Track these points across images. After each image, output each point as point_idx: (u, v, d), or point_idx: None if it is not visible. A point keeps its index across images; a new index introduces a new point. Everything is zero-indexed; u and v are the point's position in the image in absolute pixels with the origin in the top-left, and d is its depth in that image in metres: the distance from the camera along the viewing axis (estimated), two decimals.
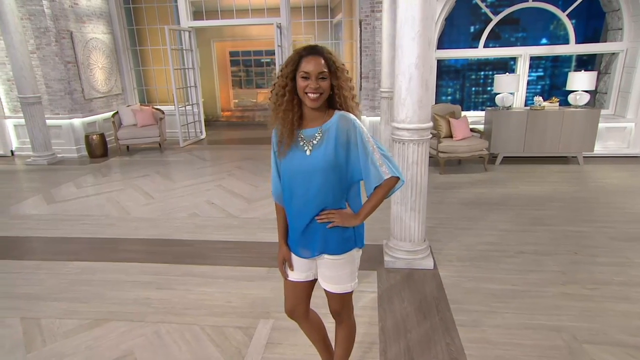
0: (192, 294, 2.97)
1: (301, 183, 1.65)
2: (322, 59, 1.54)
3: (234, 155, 7.42)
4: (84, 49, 7.53)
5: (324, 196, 1.64)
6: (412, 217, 3.18)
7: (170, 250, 3.71)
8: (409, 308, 2.74)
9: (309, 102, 1.56)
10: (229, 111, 12.21)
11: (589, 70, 6.12)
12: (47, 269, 3.39)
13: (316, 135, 1.61)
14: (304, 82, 1.54)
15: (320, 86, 1.54)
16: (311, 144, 1.61)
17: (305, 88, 1.54)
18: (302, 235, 1.72)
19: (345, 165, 1.62)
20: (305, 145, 1.62)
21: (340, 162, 1.60)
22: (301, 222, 1.71)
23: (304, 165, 1.62)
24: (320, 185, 1.62)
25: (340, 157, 1.60)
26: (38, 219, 4.53)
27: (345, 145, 1.59)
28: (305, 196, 1.65)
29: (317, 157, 1.60)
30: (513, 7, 6.39)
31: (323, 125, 1.62)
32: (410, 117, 2.96)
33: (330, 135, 1.59)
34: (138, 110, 7.81)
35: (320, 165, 1.60)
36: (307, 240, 1.72)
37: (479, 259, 3.38)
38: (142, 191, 5.41)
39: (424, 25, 2.76)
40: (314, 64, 1.52)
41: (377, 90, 6.59)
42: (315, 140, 1.61)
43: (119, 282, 3.17)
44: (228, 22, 8.49)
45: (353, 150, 1.60)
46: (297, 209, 1.70)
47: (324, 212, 1.65)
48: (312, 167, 1.61)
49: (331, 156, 1.59)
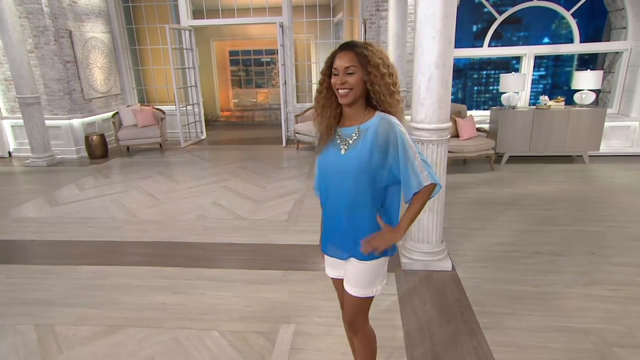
0: (208, 299, 2.91)
1: (334, 182, 1.62)
2: (354, 53, 1.49)
3: (236, 156, 7.35)
4: (83, 48, 7.41)
5: (355, 198, 1.59)
6: (431, 218, 3.14)
7: (181, 253, 3.64)
8: (432, 311, 2.70)
9: (339, 98, 1.53)
10: (229, 111, 12.11)
11: (592, 69, 6.13)
12: (56, 274, 3.30)
13: (353, 135, 1.57)
14: (334, 78, 1.51)
15: (347, 81, 1.50)
16: (347, 143, 1.58)
17: (335, 84, 1.51)
18: (333, 235, 1.70)
19: (379, 169, 1.55)
20: (342, 143, 1.59)
21: (375, 166, 1.55)
22: (334, 222, 1.68)
23: (338, 164, 1.59)
24: (352, 187, 1.58)
25: (375, 160, 1.54)
26: (42, 222, 4.43)
27: (384, 149, 1.54)
28: (337, 196, 1.63)
29: (351, 158, 1.56)
30: (518, 6, 6.38)
31: (361, 125, 1.57)
32: (430, 117, 2.92)
33: (368, 137, 1.54)
34: (138, 110, 7.70)
35: (352, 165, 1.55)
36: (338, 241, 1.70)
37: (495, 259, 3.34)
38: (146, 193, 5.32)
39: (445, 23, 2.72)
40: (343, 59, 1.50)
41: None
42: (352, 140, 1.57)
43: (132, 286, 3.09)
44: (230, 22, 8.40)
45: (392, 155, 1.54)
46: (331, 209, 1.68)
47: (365, 240, 1.59)
48: (345, 167, 1.57)
49: (365, 158, 1.54)
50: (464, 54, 6.94)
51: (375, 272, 1.69)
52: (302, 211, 4.50)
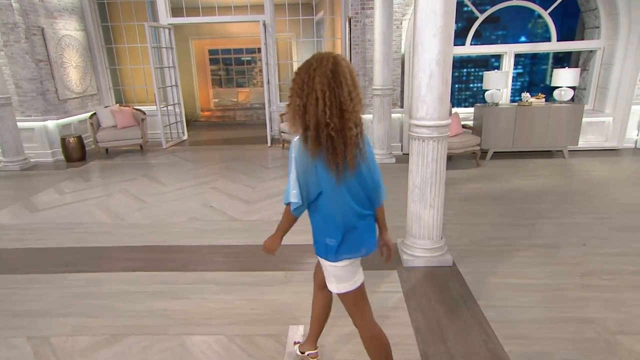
0: (211, 303, 2.83)
1: None
2: None
3: (221, 157, 7.22)
4: (57, 46, 7.11)
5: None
6: (431, 214, 3.17)
7: (177, 257, 3.54)
8: (438, 307, 2.72)
9: None
10: (209, 111, 11.87)
11: (568, 67, 6.33)
12: (45, 283, 3.14)
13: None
14: None
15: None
16: None
17: None
18: None
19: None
20: None
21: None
22: None
23: None
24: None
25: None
26: (22, 229, 4.22)
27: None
28: None
29: None
30: (499, 5, 6.52)
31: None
32: (431, 114, 2.94)
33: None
34: (117, 111, 7.45)
35: None
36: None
37: (493, 253, 3.41)
38: (131, 196, 5.15)
39: (445, 20, 2.74)
40: None
41: (368, 88, 6.58)
42: None
43: (129, 293, 2.98)
44: (211, 20, 8.23)
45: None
46: None
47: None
48: None
49: None
50: None
51: (327, 270, 1.83)
52: None
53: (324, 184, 1.64)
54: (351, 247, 1.74)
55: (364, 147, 1.68)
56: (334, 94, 1.54)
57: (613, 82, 6.44)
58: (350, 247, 1.74)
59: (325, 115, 1.54)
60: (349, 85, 1.55)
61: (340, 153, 1.58)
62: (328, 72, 1.53)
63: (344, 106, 1.55)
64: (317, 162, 1.60)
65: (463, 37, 6.85)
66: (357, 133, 1.62)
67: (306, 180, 1.63)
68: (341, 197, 1.67)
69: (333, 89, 1.53)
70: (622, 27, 6.18)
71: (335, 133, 1.56)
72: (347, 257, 1.75)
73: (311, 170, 1.62)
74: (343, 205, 1.69)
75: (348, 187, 1.67)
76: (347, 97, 1.55)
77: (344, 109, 1.55)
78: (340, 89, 1.54)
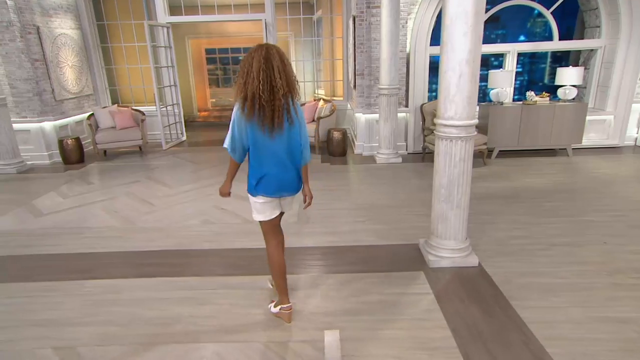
0: (240, 308, 2.76)
1: None
2: None
3: (222, 157, 7.08)
4: (53, 45, 6.91)
5: None
6: (458, 214, 3.14)
7: (195, 261, 3.46)
8: (472, 308, 2.69)
9: None
10: (206, 111, 11.69)
11: (564, 65, 6.39)
12: (61, 291, 3.03)
13: None
14: None
15: None
16: None
17: None
18: None
19: None
20: None
21: None
22: None
23: None
24: None
25: None
26: (29, 235, 4.07)
27: None
28: None
29: None
30: (502, 4, 6.56)
31: None
32: (460, 113, 2.91)
33: None
34: (116, 111, 7.28)
35: None
36: None
37: (516, 253, 3.40)
38: (138, 198, 5.03)
39: (476, 20, 2.71)
40: None
41: (374, 87, 6.54)
42: None
43: (152, 300, 2.89)
44: (211, 18, 8.11)
45: None
46: None
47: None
48: None
49: None
50: None
51: (251, 203, 2.49)
52: (311, 212, 4.40)
53: (252, 139, 2.25)
54: (266, 188, 2.36)
55: (293, 115, 2.26)
56: (266, 74, 2.11)
57: (614, 80, 6.52)
58: (265, 188, 2.36)
59: (259, 90, 2.11)
60: (279, 68, 2.13)
61: (269, 118, 2.17)
62: (261, 58, 2.11)
63: (273, 82, 2.12)
64: (250, 123, 2.20)
65: None
66: (284, 104, 2.19)
67: (241, 135, 2.25)
68: (266, 150, 2.27)
69: (265, 70, 2.10)
70: (624, 26, 6.26)
71: (266, 103, 2.13)
72: (262, 195, 2.39)
73: (244, 129, 2.23)
74: (266, 156, 2.29)
75: (273, 144, 2.26)
76: (277, 77, 2.12)
77: (273, 84, 2.12)
78: (271, 70, 2.11)
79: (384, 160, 6.34)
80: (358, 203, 4.65)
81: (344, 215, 4.29)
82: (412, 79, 6.59)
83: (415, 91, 6.62)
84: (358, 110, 6.80)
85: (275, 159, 2.29)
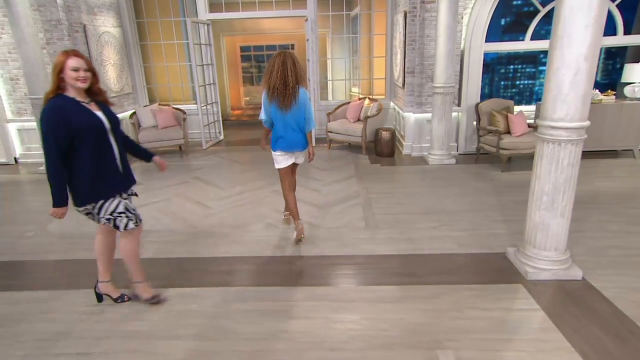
0: (336, 323, 2.57)
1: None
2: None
3: (265, 157, 6.82)
4: (97, 43, 6.84)
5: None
6: (561, 224, 2.90)
7: (272, 269, 3.28)
8: (593, 328, 2.45)
9: None
10: (240, 109, 11.57)
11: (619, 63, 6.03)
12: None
13: None
14: None
15: None
16: None
17: None
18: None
19: None
20: None
21: None
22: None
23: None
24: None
25: None
26: (89, 238, 3.92)
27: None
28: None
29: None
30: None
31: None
32: (572, 114, 2.66)
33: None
34: (157, 110, 7.19)
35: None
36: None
37: (619, 265, 3.14)
38: (192, 200, 4.89)
39: (600, 10, 2.47)
40: None
41: (425, 85, 6.30)
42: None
43: (239, 312, 2.72)
44: (252, 15, 7.94)
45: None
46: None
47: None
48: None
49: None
50: (508, 48, 6.76)
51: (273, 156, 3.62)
52: (377, 217, 4.20)
53: (273, 113, 3.40)
54: (283, 145, 3.49)
55: (298, 99, 3.33)
56: (282, 74, 3.22)
57: None
58: (283, 145, 3.49)
59: (276, 83, 3.25)
60: (291, 69, 3.22)
61: (282, 100, 3.29)
62: (280, 62, 3.22)
63: (286, 79, 3.23)
64: (271, 103, 3.35)
65: (510, 32, 6.57)
66: (292, 92, 3.27)
67: (267, 110, 3.44)
68: (283, 121, 3.40)
69: (281, 71, 3.22)
70: None
71: (280, 92, 3.27)
72: (279, 149, 3.51)
73: (268, 106, 3.41)
74: (283, 125, 3.42)
75: (287, 117, 3.37)
76: (289, 75, 3.22)
77: (286, 80, 3.23)
78: (286, 71, 3.21)
79: (436, 161, 6.10)
80: (425, 207, 4.42)
81: (415, 221, 4.08)
82: (465, 77, 6.33)
83: (469, 90, 6.35)
84: (407, 110, 6.56)
85: (287, 126, 3.42)
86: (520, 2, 6.57)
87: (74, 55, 2.32)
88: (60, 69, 2.29)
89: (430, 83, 6.22)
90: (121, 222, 2.55)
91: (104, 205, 2.50)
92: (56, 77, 2.31)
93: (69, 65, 2.28)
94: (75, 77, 2.30)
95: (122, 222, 2.55)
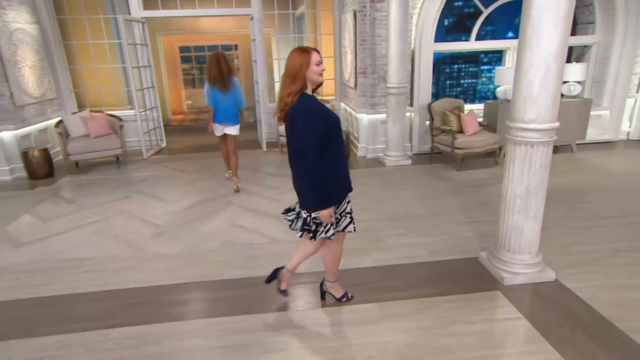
0: (317, 355, 2.31)
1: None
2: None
3: (215, 166, 6.38)
4: (9, 42, 5.97)
5: None
6: (533, 227, 2.86)
7: (237, 294, 2.94)
8: (578, 334, 2.41)
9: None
10: (182, 114, 10.83)
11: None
12: (80, 346, 2.43)
13: None
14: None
15: None
16: None
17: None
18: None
19: None
20: None
21: None
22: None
23: None
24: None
25: None
26: (14, 272, 3.35)
27: None
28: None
29: None
30: (498, 2, 6.42)
31: None
32: (543, 115, 2.62)
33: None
34: (89, 117, 6.46)
35: None
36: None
37: (586, 263, 3.18)
38: (136, 218, 4.38)
39: (569, 8, 2.42)
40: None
41: (377, 86, 6.21)
42: None
43: (203, 350, 2.37)
44: (192, 13, 7.41)
45: None
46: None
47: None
48: None
49: None
50: (455, 48, 6.86)
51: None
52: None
53: (214, 97, 4.74)
54: (220, 119, 4.90)
55: (232, 85, 4.71)
56: (218, 67, 4.64)
57: (610, 76, 6.61)
58: (219, 119, 4.90)
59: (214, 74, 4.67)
60: (223, 64, 4.64)
61: (220, 86, 4.66)
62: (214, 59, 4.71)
63: (221, 70, 4.62)
64: (212, 89, 4.72)
65: (456, 32, 6.69)
66: (228, 79, 4.66)
67: (210, 95, 4.76)
68: (222, 102, 4.76)
69: (217, 66, 4.65)
70: (619, 22, 6.33)
71: (217, 80, 4.65)
72: (216, 122, 4.93)
73: (210, 92, 4.74)
74: (222, 104, 4.77)
75: (226, 98, 4.72)
76: (223, 67, 4.64)
77: (221, 71, 4.62)
78: (220, 66, 4.64)
79: (393, 162, 6.03)
80: (390, 212, 4.29)
81: (381, 228, 3.92)
82: (417, 77, 6.33)
83: (421, 90, 6.36)
84: (360, 111, 6.44)
85: (224, 105, 4.77)
86: (461, 4, 6.70)
87: None
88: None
89: (382, 83, 6.14)
90: (345, 222, 2.60)
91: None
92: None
93: None
94: None
95: (345, 222, 2.61)
